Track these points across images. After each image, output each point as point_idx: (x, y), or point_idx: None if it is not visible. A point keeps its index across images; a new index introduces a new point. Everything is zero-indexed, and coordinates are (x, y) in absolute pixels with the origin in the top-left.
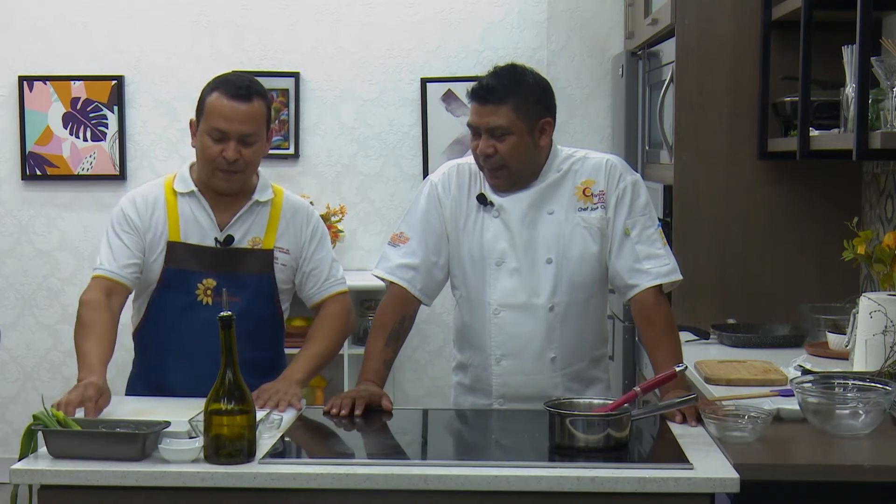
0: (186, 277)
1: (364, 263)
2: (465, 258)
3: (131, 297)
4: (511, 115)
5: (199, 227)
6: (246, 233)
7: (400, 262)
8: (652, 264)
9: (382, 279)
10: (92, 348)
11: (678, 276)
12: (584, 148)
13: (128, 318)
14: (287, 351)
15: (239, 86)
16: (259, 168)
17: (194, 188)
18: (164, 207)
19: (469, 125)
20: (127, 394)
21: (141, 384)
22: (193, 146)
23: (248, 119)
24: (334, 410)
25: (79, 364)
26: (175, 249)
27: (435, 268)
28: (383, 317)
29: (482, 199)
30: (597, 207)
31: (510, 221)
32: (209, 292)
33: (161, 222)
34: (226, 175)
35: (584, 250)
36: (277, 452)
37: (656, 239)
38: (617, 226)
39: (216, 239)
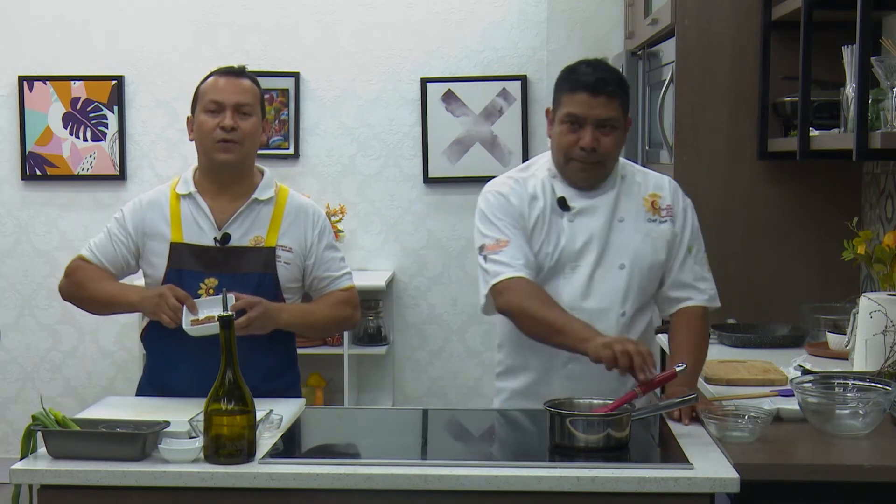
0: (189, 277)
1: (364, 263)
2: (539, 262)
3: None
4: (619, 109)
5: (198, 228)
6: (246, 231)
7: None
8: (703, 285)
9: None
10: (121, 285)
11: (718, 303)
12: None
13: (132, 320)
14: (298, 351)
15: (230, 67)
16: (265, 168)
17: (192, 189)
18: (167, 210)
19: (571, 115)
20: (136, 395)
21: (150, 387)
22: (191, 139)
23: (242, 91)
24: None
25: (121, 297)
26: (177, 250)
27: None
28: (534, 290)
29: (562, 203)
30: (665, 220)
31: (588, 225)
32: (212, 292)
33: (164, 225)
34: (225, 145)
35: (654, 260)
36: (277, 452)
37: (705, 263)
38: (683, 241)
39: (215, 238)
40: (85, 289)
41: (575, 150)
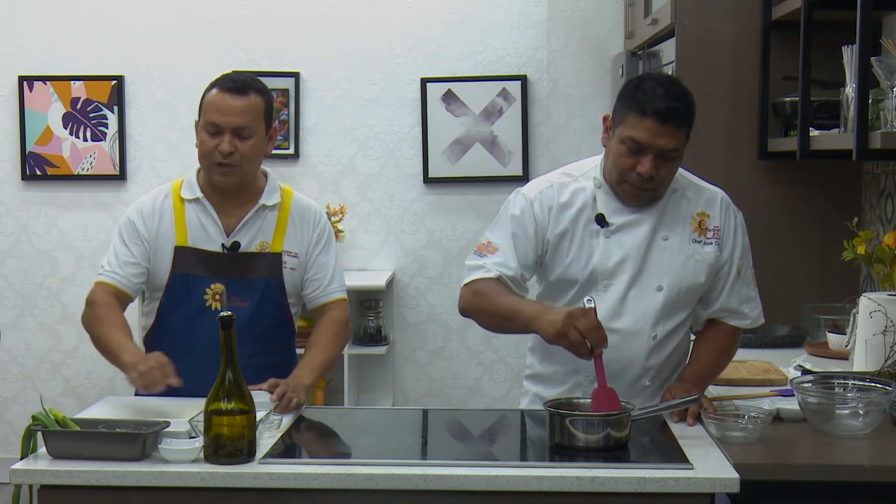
0: (194, 283)
1: (364, 263)
2: (570, 277)
3: (137, 305)
4: (683, 139)
5: (206, 234)
6: (253, 238)
7: (495, 262)
8: (748, 308)
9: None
10: (127, 340)
11: (762, 321)
12: (586, 148)
13: (133, 320)
14: (298, 351)
15: (236, 80)
16: (269, 170)
17: (200, 194)
18: (171, 213)
19: (633, 140)
20: (136, 395)
21: None
22: (197, 146)
23: (242, 112)
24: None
25: (118, 352)
26: (183, 255)
27: (522, 280)
28: (492, 287)
29: (601, 221)
30: (710, 242)
31: (625, 243)
32: (217, 297)
33: (169, 228)
34: (222, 169)
35: (693, 282)
36: (277, 452)
37: (751, 280)
38: (732, 266)
39: (223, 245)
40: (94, 328)
41: (631, 174)
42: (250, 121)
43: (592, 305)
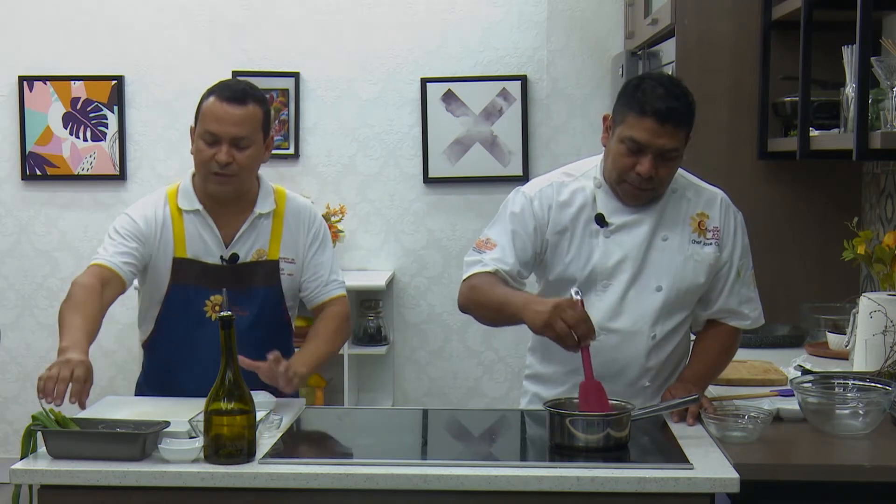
0: (194, 294)
1: (364, 263)
2: (569, 276)
3: (137, 306)
4: (683, 139)
5: (205, 245)
6: (251, 247)
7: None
8: (748, 309)
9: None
10: (80, 325)
11: (762, 321)
12: (586, 148)
13: (133, 320)
14: (297, 351)
15: (234, 89)
16: (261, 174)
17: (199, 206)
18: (170, 223)
19: (633, 140)
20: (135, 395)
21: (150, 391)
22: (192, 153)
23: (241, 122)
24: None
25: (62, 334)
26: (181, 266)
27: (520, 276)
28: (488, 280)
29: (600, 220)
30: (710, 243)
31: (624, 243)
32: (217, 308)
33: (168, 238)
34: (219, 179)
35: (693, 283)
36: (277, 452)
37: (751, 281)
38: (732, 267)
39: (221, 257)
40: (63, 306)
41: (631, 174)
42: (249, 131)
43: (579, 297)
